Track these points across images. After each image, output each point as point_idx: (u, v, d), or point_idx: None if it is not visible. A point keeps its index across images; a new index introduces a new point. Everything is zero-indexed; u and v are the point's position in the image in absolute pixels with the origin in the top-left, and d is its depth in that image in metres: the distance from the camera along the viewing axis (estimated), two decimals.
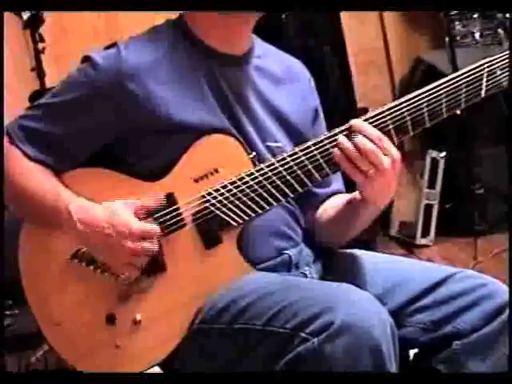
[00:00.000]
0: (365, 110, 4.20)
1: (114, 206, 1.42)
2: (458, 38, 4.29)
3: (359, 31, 4.51)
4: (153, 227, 1.41)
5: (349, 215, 1.55)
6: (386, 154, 1.38)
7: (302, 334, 1.23)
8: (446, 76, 1.43)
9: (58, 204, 1.44)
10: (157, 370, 1.53)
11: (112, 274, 1.44)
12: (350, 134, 1.40)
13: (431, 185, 4.10)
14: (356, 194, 1.50)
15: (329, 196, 1.63)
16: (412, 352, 1.47)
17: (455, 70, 3.70)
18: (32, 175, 1.48)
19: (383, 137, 1.39)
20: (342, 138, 1.39)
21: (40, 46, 3.39)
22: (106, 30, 4.34)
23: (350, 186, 1.54)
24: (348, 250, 1.60)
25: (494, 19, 4.31)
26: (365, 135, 1.38)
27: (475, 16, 4.31)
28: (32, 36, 3.39)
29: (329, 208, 1.61)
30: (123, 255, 1.40)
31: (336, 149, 1.40)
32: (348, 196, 1.55)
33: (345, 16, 4.01)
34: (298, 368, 1.24)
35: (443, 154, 4.05)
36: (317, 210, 1.63)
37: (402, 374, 1.32)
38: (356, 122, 1.40)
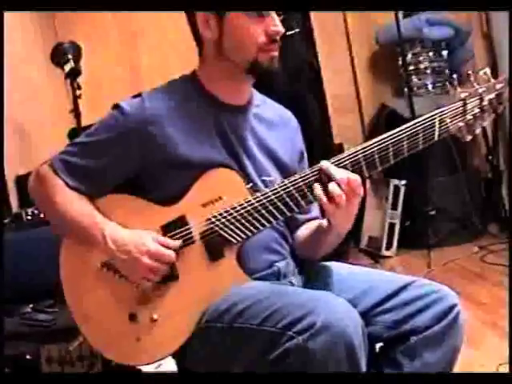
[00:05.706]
0: (340, 146, 4.23)
1: (140, 232, 1.43)
2: (415, 88, 4.32)
3: (335, 81, 4.53)
4: (168, 252, 1.41)
5: (317, 238, 1.54)
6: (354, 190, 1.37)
7: (290, 333, 1.22)
8: (406, 119, 1.43)
9: (94, 228, 1.44)
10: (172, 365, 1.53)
11: (134, 282, 1.44)
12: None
13: (394, 207, 4.11)
14: (323, 221, 1.50)
15: (308, 220, 1.63)
16: (378, 345, 1.47)
17: (412, 113, 3.72)
18: (72, 202, 1.48)
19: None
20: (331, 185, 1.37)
21: (77, 92, 3.40)
22: (130, 80, 4.37)
23: None
24: (326, 263, 1.59)
25: (443, 74, 4.34)
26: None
27: (428, 72, 4.34)
28: (71, 84, 3.40)
29: (304, 231, 1.61)
30: (140, 270, 1.41)
31: (317, 183, 1.39)
32: (318, 222, 1.54)
33: (323, 69, 4.04)
34: (285, 361, 1.23)
35: (403, 182, 4.07)
36: (296, 231, 1.62)
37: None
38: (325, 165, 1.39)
